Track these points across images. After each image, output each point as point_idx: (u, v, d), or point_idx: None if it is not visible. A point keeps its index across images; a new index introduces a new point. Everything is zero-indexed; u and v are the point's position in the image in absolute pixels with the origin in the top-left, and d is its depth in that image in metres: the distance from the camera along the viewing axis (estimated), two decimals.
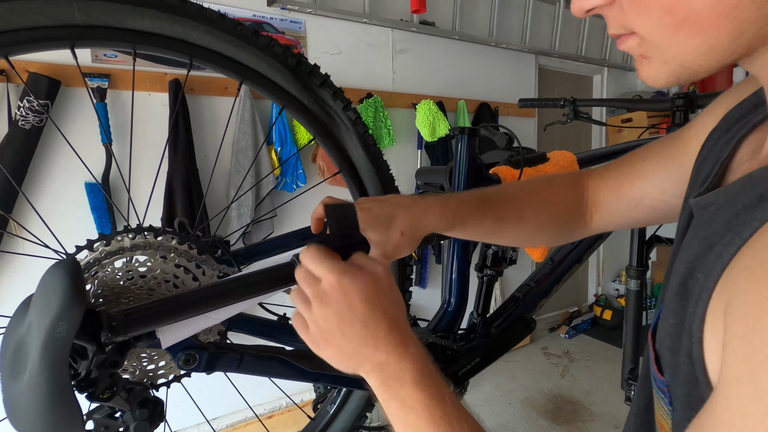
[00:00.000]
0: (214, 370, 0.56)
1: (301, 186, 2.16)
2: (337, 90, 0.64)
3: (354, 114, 0.65)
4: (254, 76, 0.59)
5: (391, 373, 0.36)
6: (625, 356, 1.23)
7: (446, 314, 0.81)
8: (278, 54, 0.59)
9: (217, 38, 0.55)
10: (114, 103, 1.78)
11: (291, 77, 0.60)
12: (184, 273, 0.57)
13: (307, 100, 0.62)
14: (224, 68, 0.57)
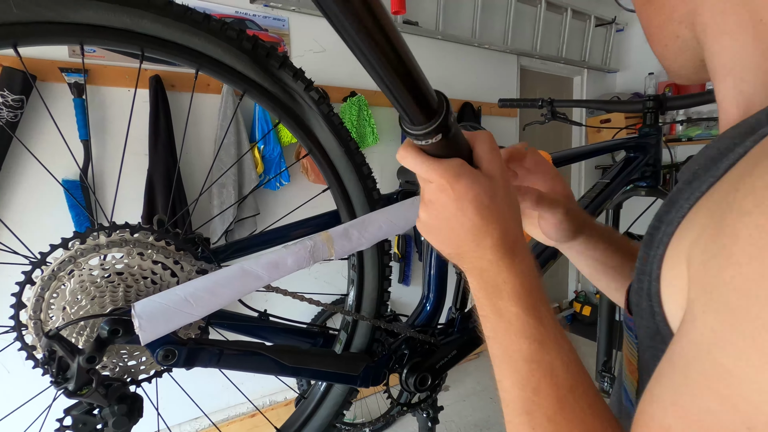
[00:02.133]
0: (193, 365, 0.57)
1: (285, 184, 2.16)
2: (297, 71, 0.64)
3: (317, 94, 0.65)
4: (210, 62, 0.58)
5: (490, 281, 0.35)
6: (599, 349, 1.27)
7: (425, 309, 0.83)
8: (232, 38, 0.58)
9: (167, 26, 0.54)
10: (92, 99, 1.75)
11: (248, 61, 0.60)
12: (162, 269, 0.57)
13: (267, 83, 0.62)
14: (178, 57, 0.56)
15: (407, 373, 0.75)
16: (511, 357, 0.33)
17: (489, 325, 0.35)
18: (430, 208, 0.36)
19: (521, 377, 0.33)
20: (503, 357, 0.34)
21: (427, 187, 0.36)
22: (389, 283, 0.76)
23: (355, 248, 0.66)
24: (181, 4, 0.57)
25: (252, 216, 2.04)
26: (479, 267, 0.35)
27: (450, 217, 0.35)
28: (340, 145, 0.68)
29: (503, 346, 0.34)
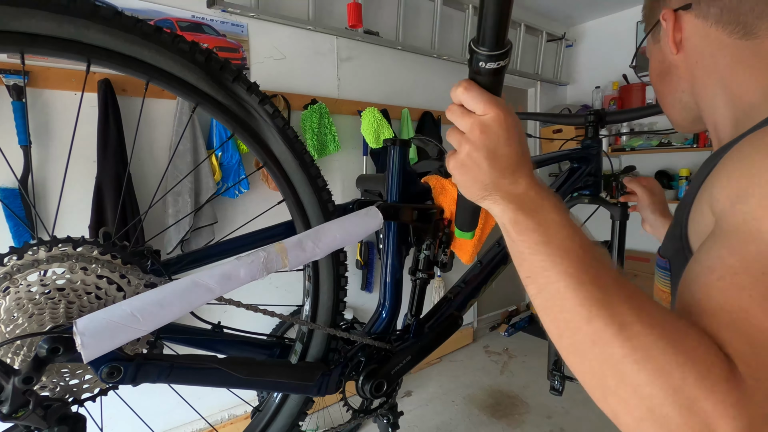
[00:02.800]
0: (141, 381, 0.56)
1: (244, 192, 2.12)
2: (251, 84, 0.64)
3: (271, 107, 0.66)
4: (161, 74, 0.57)
5: (529, 201, 0.38)
6: (550, 348, 1.33)
7: (381, 317, 0.84)
8: (185, 51, 0.58)
9: (116, 37, 0.53)
10: (34, 103, 1.66)
11: (201, 74, 0.60)
12: (107, 284, 0.55)
13: (221, 96, 0.62)
14: (127, 68, 0.55)
15: (363, 380, 0.76)
16: (573, 265, 0.34)
17: (536, 242, 0.36)
18: (477, 140, 0.39)
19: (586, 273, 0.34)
20: (556, 261, 0.35)
21: (475, 121, 0.38)
22: (345, 293, 0.77)
23: (309, 258, 0.67)
24: (131, 16, 0.56)
25: (209, 225, 1.99)
26: (515, 193, 0.39)
27: (499, 146, 0.38)
28: (295, 158, 0.69)
29: (555, 255, 0.35)
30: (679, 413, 0.27)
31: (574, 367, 0.34)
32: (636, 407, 0.29)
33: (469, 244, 0.90)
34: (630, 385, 0.29)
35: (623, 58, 3.50)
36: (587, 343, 0.32)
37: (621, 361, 0.30)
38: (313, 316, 0.76)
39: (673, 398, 0.28)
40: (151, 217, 1.91)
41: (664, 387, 0.28)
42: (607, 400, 0.31)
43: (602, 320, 0.31)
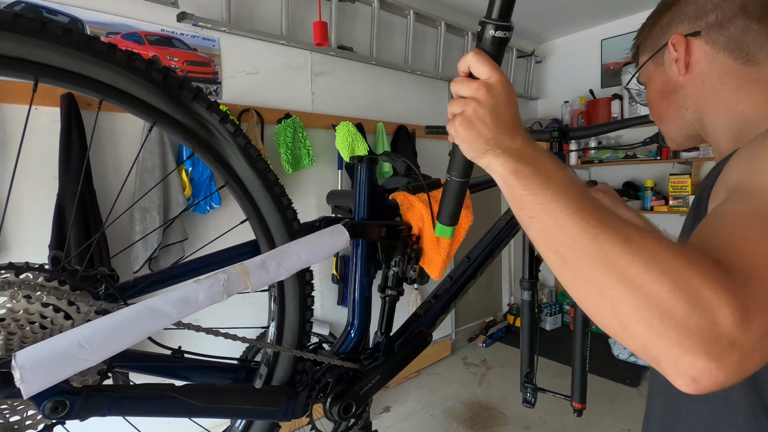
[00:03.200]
0: (90, 415, 0.53)
1: (215, 207, 2.08)
2: (211, 103, 0.63)
3: (233, 126, 0.65)
4: (116, 93, 0.56)
5: (527, 155, 0.41)
6: (522, 361, 1.34)
7: (350, 336, 0.83)
8: (141, 69, 0.57)
9: (66, 55, 0.51)
10: None
11: (159, 92, 0.58)
12: (53, 312, 0.53)
13: (179, 115, 0.61)
14: (79, 87, 0.53)
15: (331, 402, 0.74)
16: (572, 200, 0.37)
17: (537, 185, 0.39)
18: (483, 99, 0.43)
19: (587, 203, 0.37)
20: (558, 197, 0.37)
21: (481, 83, 0.44)
22: (311, 313, 0.76)
23: (273, 279, 0.65)
24: (83, 34, 0.55)
25: (179, 242, 1.94)
26: (514, 148, 0.42)
27: (501, 106, 0.43)
28: (258, 177, 0.68)
29: (556, 193, 0.38)
30: (684, 304, 0.30)
31: (580, 290, 0.35)
32: (644, 307, 0.31)
33: (439, 259, 0.90)
34: (638, 287, 0.31)
35: (589, 74, 3.65)
36: (593, 260, 0.34)
37: (627, 268, 0.32)
38: (278, 338, 0.74)
39: (678, 291, 0.30)
40: (118, 235, 1.84)
41: (669, 282, 0.30)
42: (617, 312, 0.32)
43: (607, 236, 0.34)
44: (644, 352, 0.32)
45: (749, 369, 0.30)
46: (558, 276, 0.37)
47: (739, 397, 0.47)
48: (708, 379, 0.30)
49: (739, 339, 0.29)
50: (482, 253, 1.02)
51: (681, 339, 0.30)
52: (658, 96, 0.61)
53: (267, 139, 2.28)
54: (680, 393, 0.54)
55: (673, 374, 0.31)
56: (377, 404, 2.60)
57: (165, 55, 1.99)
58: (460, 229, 0.92)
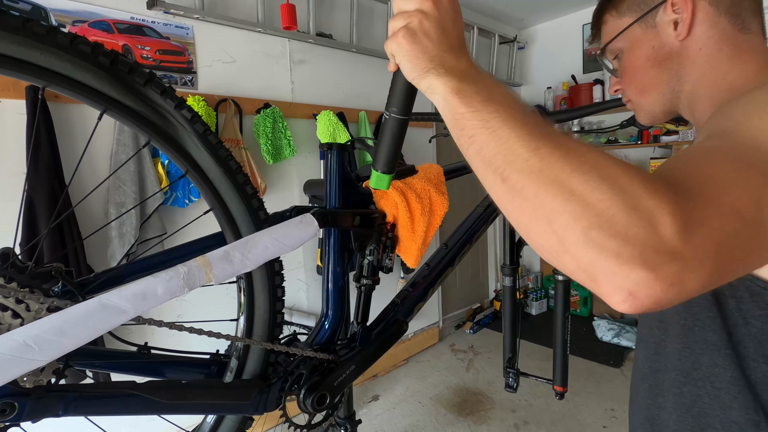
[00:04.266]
0: (42, 416, 0.50)
1: (194, 200, 2.03)
2: (166, 88, 0.60)
3: (190, 113, 0.62)
4: (60, 79, 0.53)
5: (470, 75, 0.40)
6: (505, 346, 1.35)
7: (324, 327, 0.82)
8: (85, 53, 0.54)
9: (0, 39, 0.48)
10: None
11: (106, 78, 0.55)
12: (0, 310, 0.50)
13: (131, 101, 0.58)
14: (17, 72, 0.50)
15: (304, 393, 0.73)
16: (513, 115, 0.35)
17: (479, 102, 0.37)
18: (429, 11, 0.41)
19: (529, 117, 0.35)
20: (500, 111, 0.36)
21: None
22: (282, 305, 0.74)
23: (238, 271, 0.63)
24: (17, 16, 0.51)
25: (157, 236, 1.90)
26: (459, 68, 0.40)
27: (447, 21, 0.41)
28: (219, 165, 0.65)
29: (498, 108, 0.36)
30: (625, 212, 0.29)
31: (517, 208, 0.33)
32: (583, 217, 0.29)
33: (414, 247, 0.89)
34: (578, 196, 0.30)
35: (571, 60, 3.64)
36: (533, 173, 0.32)
37: (568, 178, 0.31)
38: (248, 331, 0.72)
39: (620, 199, 0.29)
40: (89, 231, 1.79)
41: (610, 190, 0.29)
42: (554, 226, 0.31)
43: (549, 148, 0.32)
44: (580, 269, 0.31)
45: (687, 285, 0.29)
46: (495, 197, 0.36)
47: (723, 374, 0.46)
48: (645, 292, 0.29)
49: (679, 249, 0.28)
50: (460, 240, 1.02)
51: (620, 249, 0.28)
52: (646, 63, 0.55)
53: (246, 129, 2.23)
54: (663, 377, 0.54)
55: (609, 290, 0.30)
56: (366, 393, 2.61)
57: (136, 44, 1.92)
58: (435, 216, 0.90)
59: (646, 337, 0.59)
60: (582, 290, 3.56)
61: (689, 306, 0.50)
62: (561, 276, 1.24)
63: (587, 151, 0.32)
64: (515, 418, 2.32)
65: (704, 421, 0.48)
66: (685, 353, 0.50)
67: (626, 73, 0.58)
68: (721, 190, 0.32)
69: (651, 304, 0.29)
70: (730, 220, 0.30)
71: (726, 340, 0.46)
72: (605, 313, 3.45)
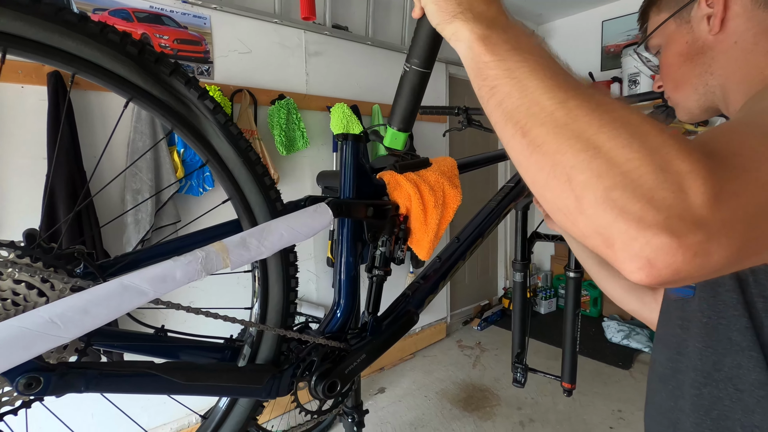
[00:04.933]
0: (65, 392, 0.52)
1: (208, 189, 2.06)
2: (190, 78, 0.61)
3: (212, 103, 0.63)
4: (89, 66, 0.54)
5: (499, 23, 0.38)
6: (514, 341, 1.35)
7: (336, 316, 0.83)
8: (114, 42, 0.55)
9: (34, 26, 0.49)
10: None
11: (134, 67, 0.56)
12: (26, 289, 0.52)
13: (157, 90, 0.59)
14: (49, 59, 0.51)
15: (316, 380, 0.74)
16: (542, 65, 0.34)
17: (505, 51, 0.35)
18: None
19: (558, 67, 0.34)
20: (528, 60, 0.34)
21: None
22: (296, 294, 0.75)
23: (254, 257, 0.64)
24: (52, 3, 0.52)
25: (172, 224, 1.93)
26: (487, 15, 0.38)
27: None
28: (239, 155, 0.66)
29: (526, 56, 0.34)
30: (653, 174, 0.27)
31: (535, 165, 0.31)
32: (608, 176, 0.27)
33: (426, 239, 0.89)
34: (605, 153, 0.28)
35: (590, 57, 3.58)
36: (557, 126, 0.30)
37: (596, 134, 0.29)
38: (262, 318, 0.73)
39: (649, 159, 0.27)
40: (110, 217, 1.83)
41: (641, 149, 0.27)
42: (574, 184, 0.29)
43: (577, 102, 0.30)
44: (596, 233, 0.29)
45: (712, 258, 0.27)
46: (512, 152, 0.33)
47: (747, 376, 0.44)
48: (665, 260, 0.26)
49: (706, 218, 0.26)
50: (472, 233, 1.01)
51: (643, 212, 0.26)
52: (680, 59, 0.54)
53: (260, 120, 2.25)
54: (683, 378, 0.52)
55: (625, 257, 0.28)
56: (372, 385, 2.64)
57: (155, 32, 1.95)
58: (448, 209, 0.90)
59: (665, 338, 0.58)
60: (592, 290, 3.53)
61: (714, 303, 0.48)
62: (572, 273, 1.23)
63: (620, 107, 0.30)
64: (521, 415, 2.32)
65: (724, 424, 0.46)
66: (707, 353, 0.49)
67: (663, 69, 0.58)
68: (758, 162, 0.30)
69: (669, 275, 0.27)
70: (764, 193, 0.28)
71: (752, 341, 0.44)
72: (615, 314, 3.42)
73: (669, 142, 0.28)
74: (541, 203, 0.32)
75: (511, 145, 0.33)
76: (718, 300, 0.48)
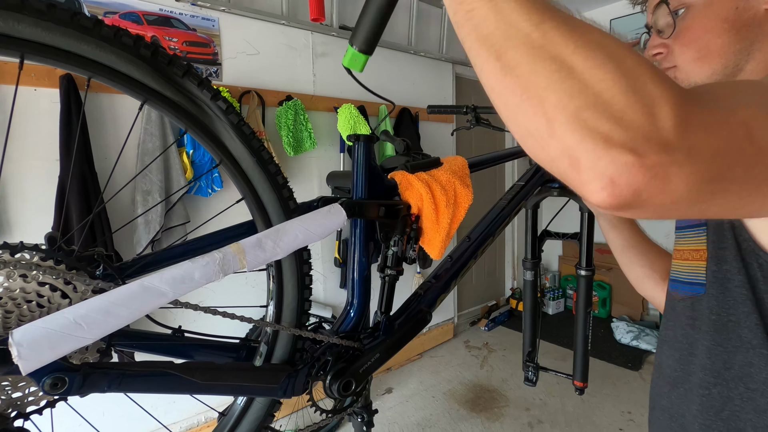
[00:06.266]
0: (89, 391, 0.53)
1: (217, 190, 2.08)
2: (203, 80, 0.62)
3: (225, 103, 0.63)
4: (103, 70, 0.55)
5: None
6: (524, 341, 1.34)
7: (349, 315, 0.83)
8: (128, 45, 0.55)
9: (50, 32, 0.50)
10: None
11: (147, 69, 0.57)
12: (50, 291, 0.53)
13: (170, 92, 0.60)
14: (66, 63, 0.52)
15: (330, 379, 0.75)
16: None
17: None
18: None
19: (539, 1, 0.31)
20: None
21: None
22: (310, 293, 0.76)
23: (269, 258, 0.65)
24: (67, 9, 0.53)
25: (181, 224, 1.94)
26: None
27: None
28: (252, 155, 0.67)
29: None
30: (625, 95, 0.27)
31: (508, 88, 0.30)
32: (580, 96, 0.27)
33: (438, 239, 0.89)
34: (578, 74, 0.28)
35: None
36: (531, 49, 0.29)
37: (571, 54, 0.28)
38: (277, 317, 0.74)
39: (623, 81, 0.27)
40: (121, 218, 1.85)
41: (615, 70, 0.27)
42: (544, 104, 0.28)
43: (553, 23, 0.30)
44: (563, 155, 0.28)
45: (672, 182, 0.27)
46: (485, 76, 0.32)
47: (758, 374, 0.43)
48: (626, 179, 0.27)
49: (671, 141, 0.27)
50: (483, 232, 1.01)
51: (610, 132, 0.26)
52: (722, 26, 0.46)
53: (268, 121, 2.26)
54: (691, 379, 0.51)
55: (589, 177, 0.27)
56: (380, 385, 2.64)
57: (164, 35, 1.96)
58: (459, 208, 0.91)
59: (673, 339, 0.56)
60: (601, 291, 3.51)
61: (723, 300, 0.47)
62: (584, 271, 1.23)
63: (596, 31, 0.30)
64: (529, 416, 2.32)
65: (734, 425, 0.45)
66: (717, 351, 0.47)
67: (687, 33, 0.49)
68: (738, 103, 0.30)
69: (630, 195, 0.27)
70: (737, 134, 0.28)
71: (762, 338, 0.43)
72: (624, 315, 3.40)
73: (644, 66, 0.28)
74: (512, 129, 0.31)
75: (485, 69, 0.32)
76: (728, 296, 0.47)
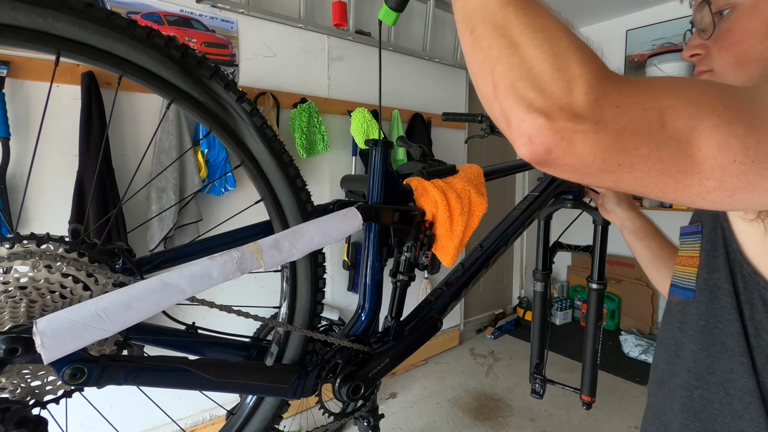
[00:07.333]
0: (106, 383, 0.54)
1: (230, 189, 2.10)
2: (229, 81, 0.63)
3: (249, 105, 0.65)
4: (135, 69, 0.56)
5: None
6: (532, 352, 1.34)
7: (360, 319, 0.83)
8: (160, 45, 0.57)
9: (87, 30, 0.52)
10: (14, 94, 1.62)
11: (177, 69, 0.59)
12: (73, 282, 0.54)
13: (197, 92, 0.61)
14: (99, 62, 0.54)
15: (340, 382, 0.75)
16: None
17: None
18: None
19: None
20: None
21: None
22: (323, 295, 0.76)
23: (286, 259, 0.66)
24: (104, 9, 0.55)
25: (194, 222, 1.97)
26: None
27: None
28: (273, 158, 0.68)
29: None
30: (551, 72, 0.32)
31: (477, 58, 0.36)
32: (517, 69, 0.33)
33: (451, 246, 0.89)
34: (520, 51, 0.33)
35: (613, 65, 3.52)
36: (495, 25, 0.35)
37: (520, 34, 0.34)
38: (290, 318, 0.74)
39: (552, 60, 0.32)
40: (135, 214, 1.88)
41: (548, 50, 0.33)
42: (494, 73, 0.34)
43: (516, 6, 0.35)
44: (502, 116, 0.34)
45: (576, 146, 0.32)
46: (463, 47, 0.38)
47: (737, 381, 0.45)
48: (539, 139, 0.32)
49: (580, 111, 0.31)
50: (495, 242, 1.01)
51: (534, 100, 0.32)
52: (767, 30, 0.44)
53: (282, 123, 2.28)
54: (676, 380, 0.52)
55: (516, 135, 0.33)
56: (384, 390, 2.63)
57: (183, 36, 2.00)
58: (474, 216, 0.91)
59: (666, 341, 0.58)
60: (610, 303, 3.47)
61: (711, 307, 0.49)
62: (595, 284, 1.22)
63: (548, 17, 0.35)
64: (534, 427, 2.29)
65: (712, 427, 0.47)
66: (702, 356, 0.49)
67: (727, 36, 0.47)
68: (665, 93, 0.33)
69: (542, 152, 0.32)
70: (648, 116, 0.32)
71: (744, 347, 0.45)
72: (633, 329, 3.36)
73: (575, 51, 0.33)
74: (477, 92, 0.37)
75: (463, 41, 0.38)
76: (715, 304, 0.48)
